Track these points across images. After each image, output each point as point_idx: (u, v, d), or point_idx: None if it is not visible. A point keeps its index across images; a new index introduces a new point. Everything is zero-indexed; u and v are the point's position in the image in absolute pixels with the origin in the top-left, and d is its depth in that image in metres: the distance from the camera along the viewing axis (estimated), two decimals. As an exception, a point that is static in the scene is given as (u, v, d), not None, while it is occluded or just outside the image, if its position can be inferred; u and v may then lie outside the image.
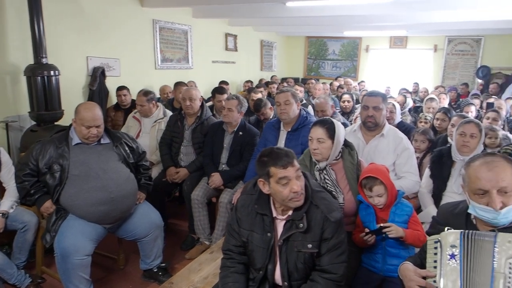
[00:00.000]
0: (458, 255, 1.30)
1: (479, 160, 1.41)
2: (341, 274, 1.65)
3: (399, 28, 8.41)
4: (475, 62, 9.29)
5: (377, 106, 2.65)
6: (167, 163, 3.48)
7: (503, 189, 1.32)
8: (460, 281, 1.28)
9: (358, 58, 10.69)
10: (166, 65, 6.16)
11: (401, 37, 9.91)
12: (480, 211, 1.38)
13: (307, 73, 11.28)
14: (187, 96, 3.41)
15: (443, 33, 9.18)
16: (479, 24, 7.09)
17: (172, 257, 3.15)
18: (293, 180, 1.58)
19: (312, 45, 11.18)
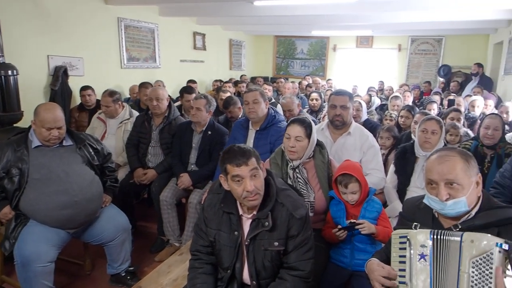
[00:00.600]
0: (428, 255, 1.32)
1: (436, 153, 1.47)
2: (308, 271, 1.67)
3: (365, 28, 8.62)
4: (437, 61, 9.65)
5: (344, 105, 2.70)
6: (135, 164, 3.41)
7: (449, 181, 1.38)
8: (430, 281, 1.31)
9: (326, 57, 10.86)
10: (132, 64, 6.03)
11: (367, 37, 10.15)
12: (431, 201, 1.44)
13: (276, 72, 11.35)
14: (154, 96, 3.35)
15: (406, 33, 9.49)
16: (440, 25, 7.38)
17: (141, 261, 3.09)
18: (247, 179, 1.57)
19: (281, 44, 11.26)
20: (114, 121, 3.68)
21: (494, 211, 1.41)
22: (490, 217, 1.38)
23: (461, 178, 1.38)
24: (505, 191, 2.34)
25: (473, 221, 1.40)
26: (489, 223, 1.37)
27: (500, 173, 2.42)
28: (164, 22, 6.72)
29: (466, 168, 1.39)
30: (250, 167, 1.58)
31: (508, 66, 6.51)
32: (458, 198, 1.37)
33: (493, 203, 1.47)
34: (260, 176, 1.62)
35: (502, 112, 4.44)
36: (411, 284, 1.34)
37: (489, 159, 2.89)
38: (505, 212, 1.39)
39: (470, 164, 1.41)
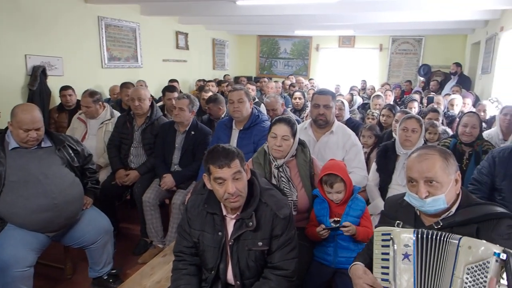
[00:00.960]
0: (412, 255, 1.34)
1: (417, 152, 1.50)
2: (292, 270, 1.67)
3: (346, 28, 8.71)
4: (417, 60, 9.84)
5: (327, 104, 2.72)
6: (116, 165, 3.36)
7: (429, 179, 1.41)
8: (414, 281, 1.32)
9: (309, 57, 10.93)
10: (113, 64, 5.93)
11: (349, 37, 10.26)
12: (411, 199, 1.47)
13: (260, 71, 11.36)
14: (136, 96, 3.31)
15: (387, 33, 9.63)
16: (420, 25, 7.52)
17: (124, 263, 3.04)
18: (229, 181, 1.56)
19: (264, 44, 11.28)
20: (95, 121, 3.62)
21: (473, 208, 1.44)
22: (470, 214, 1.41)
23: (440, 176, 1.40)
24: (483, 187, 2.40)
25: (453, 218, 1.42)
26: (468, 219, 1.40)
27: (478, 169, 2.48)
28: (145, 21, 6.64)
29: (445, 166, 1.42)
30: (232, 169, 1.57)
31: (485, 65, 6.68)
32: (437, 196, 1.40)
33: (472, 200, 1.50)
34: (242, 178, 1.61)
35: (480, 110, 4.56)
36: (395, 283, 1.35)
37: (468, 156, 2.96)
38: (484, 208, 1.42)
39: (449, 162, 1.44)
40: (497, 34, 5.87)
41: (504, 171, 2.30)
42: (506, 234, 1.34)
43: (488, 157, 2.44)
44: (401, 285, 1.34)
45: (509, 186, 2.25)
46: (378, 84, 9.32)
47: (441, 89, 7.74)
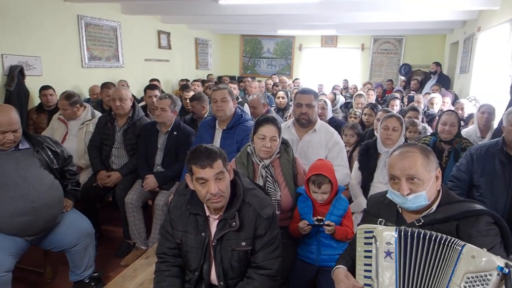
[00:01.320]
0: (394, 253, 1.35)
1: (398, 150, 1.52)
2: (276, 269, 1.68)
3: (329, 28, 8.78)
4: (398, 60, 9.99)
5: (310, 103, 2.74)
6: (98, 167, 3.30)
7: (410, 176, 1.43)
8: (396, 277, 1.34)
9: (292, 56, 10.97)
10: (94, 63, 5.83)
11: (332, 37, 10.34)
12: (393, 196, 1.49)
13: (243, 71, 11.35)
14: (117, 96, 3.26)
15: (369, 33, 9.76)
16: (401, 25, 7.64)
17: (106, 266, 3.00)
18: (211, 182, 1.56)
19: (247, 43, 11.27)
20: (75, 122, 3.55)
21: (453, 205, 1.47)
22: (450, 211, 1.44)
23: (421, 173, 1.43)
24: (461, 184, 2.45)
25: (434, 215, 1.45)
26: (448, 216, 1.42)
27: (457, 167, 2.53)
28: (127, 20, 6.54)
29: (426, 164, 1.45)
30: (215, 170, 1.56)
31: (463, 65, 6.83)
32: (419, 193, 1.43)
33: (452, 197, 1.53)
34: (225, 179, 1.60)
35: (458, 108, 4.66)
36: (377, 281, 1.37)
37: (447, 154, 3.02)
38: (463, 206, 1.45)
39: (429, 159, 1.47)
40: (475, 34, 6.01)
41: (481, 168, 2.35)
42: (484, 230, 1.37)
43: (466, 154, 2.50)
44: (383, 282, 1.35)
45: (486, 182, 2.31)
46: (360, 83, 9.43)
47: (421, 88, 7.88)
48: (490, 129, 3.61)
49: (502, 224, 1.42)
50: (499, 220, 1.42)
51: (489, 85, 5.14)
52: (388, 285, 1.34)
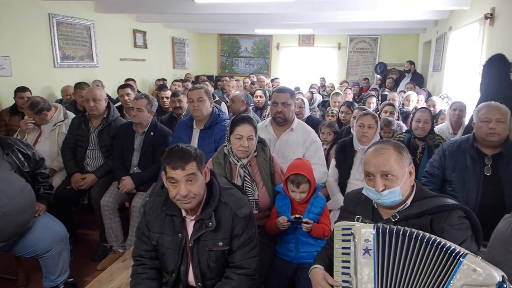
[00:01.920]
0: (372, 250, 1.37)
1: (373, 147, 1.55)
2: (254, 268, 1.68)
3: (306, 27, 8.84)
4: (374, 59, 10.16)
5: (286, 102, 2.75)
6: (72, 169, 3.22)
7: (384, 173, 1.46)
8: (374, 274, 1.35)
9: (270, 55, 11.00)
10: (67, 63, 5.67)
11: (309, 36, 10.42)
12: (369, 192, 1.52)
13: (221, 70, 11.30)
14: (91, 96, 3.19)
15: (345, 32, 9.88)
16: (376, 24, 7.77)
17: (82, 271, 2.93)
18: (181, 183, 1.54)
19: (225, 42, 11.23)
20: (47, 124, 3.45)
21: (427, 200, 1.50)
22: (424, 206, 1.47)
23: (395, 169, 1.46)
24: (435, 179, 2.51)
25: (409, 211, 1.49)
26: (423, 211, 1.46)
27: (430, 163, 2.60)
28: (101, 18, 6.40)
29: (400, 160, 1.48)
30: (186, 171, 1.55)
31: (436, 63, 7.01)
32: (393, 188, 1.46)
33: (426, 192, 1.57)
34: (197, 181, 1.58)
35: (430, 105, 4.78)
36: (356, 278, 1.38)
37: (421, 150, 3.09)
38: (437, 201, 1.49)
39: (403, 155, 1.50)
40: (446, 33, 6.17)
41: (453, 164, 2.42)
42: (456, 224, 1.42)
43: (439, 150, 2.56)
44: (362, 279, 1.37)
45: (458, 177, 2.37)
46: (337, 82, 9.54)
47: (396, 86, 8.04)
48: (461, 125, 3.72)
49: (473, 218, 1.47)
50: (470, 214, 1.47)
51: (460, 83, 5.29)
52: (367, 281, 1.36)
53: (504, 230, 1.48)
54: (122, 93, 4.17)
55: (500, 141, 2.28)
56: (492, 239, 1.54)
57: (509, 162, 2.26)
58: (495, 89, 3.26)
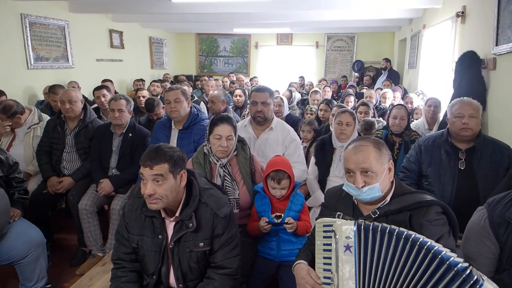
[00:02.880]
0: (353, 247, 1.38)
1: (353, 144, 1.57)
2: (235, 268, 1.68)
3: (284, 26, 8.88)
4: (351, 57, 10.30)
5: (265, 101, 2.76)
6: (48, 173, 3.14)
7: (364, 170, 1.49)
8: (355, 270, 1.37)
9: (248, 54, 11.00)
10: (41, 64, 5.52)
11: (287, 35, 10.47)
12: (349, 188, 1.54)
13: (200, 70, 11.23)
14: (66, 98, 3.12)
15: (323, 30, 9.97)
16: (352, 23, 7.87)
17: (60, 276, 2.86)
18: (148, 182, 1.54)
19: (203, 42, 11.16)
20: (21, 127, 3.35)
21: (406, 196, 1.53)
22: (403, 202, 1.50)
23: (374, 166, 1.49)
24: (411, 174, 2.57)
25: (388, 207, 1.51)
26: (402, 207, 1.49)
27: (406, 158, 2.65)
28: (75, 18, 6.25)
29: (379, 156, 1.51)
30: (153, 171, 1.54)
31: (411, 60, 7.16)
32: (373, 185, 1.48)
33: (405, 188, 1.60)
34: (166, 184, 1.56)
35: (407, 102, 4.89)
36: (337, 275, 1.40)
37: (398, 146, 3.16)
38: (415, 197, 1.52)
39: (382, 152, 1.52)
40: (420, 31, 6.31)
41: (429, 158, 2.47)
42: (434, 220, 1.45)
43: (415, 146, 2.62)
44: (343, 275, 1.38)
45: (433, 172, 2.43)
46: (316, 80, 9.63)
47: (374, 83, 8.18)
48: (436, 121, 3.82)
49: (450, 213, 1.50)
50: (447, 210, 1.50)
51: (435, 80, 5.43)
52: (348, 278, 1.37)
53: (478, 222, 1.53)
54: (98, 95, 4.09)
55: (473, 136, 2.34)
56: (466, 231, 1.59)
57: (482, 156, 2.33)
58: (468, 85, 3.36)
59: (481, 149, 2.33)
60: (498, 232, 1.46)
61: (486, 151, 2.33)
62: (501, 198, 1.51)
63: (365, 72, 9.36)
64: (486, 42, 3.34)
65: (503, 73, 3.09)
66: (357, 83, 8.80)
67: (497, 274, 1.50)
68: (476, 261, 1.52)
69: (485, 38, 3.39)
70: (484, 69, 3.37)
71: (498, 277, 1.49)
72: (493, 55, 3.20)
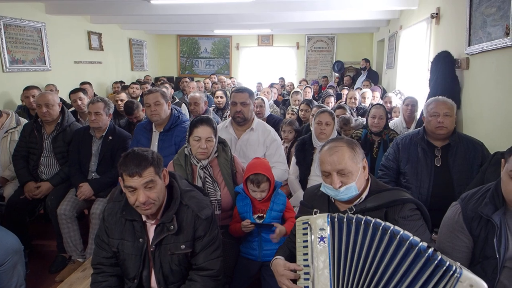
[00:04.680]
0: (327, 237, 1.41)
1: (327, 145, 1.61)
2: (217, 269, 1.68)
3: (264, 27, 8.93)
4: (331, 57, 10.42)
5: (245, 101, 2.77)
6: (25, 178, 3.07)
7: (341, 171, 1.52)
8: (329, 260, 1.40)
9: (230, 56, 11.00)
10: (16, 67, 5.39)
11: (267, 36, 10.52)
12: (327, 189, 1.58)
13: (181, 71, 11.16)
14: (43, 102, 3.05)
15: (303, 32, 10.06)
16: (332, 24, 7.97)
17: (39, 283, 2.80)
18: (140, 190, 1.52)
19: (184, 43, 11.10)
20: (-3, 131, 3.28)
21: (382, 194, 1.58)
22: (379, 200, 1.55)
23: (349, 166, 1.53)
24: (390, 172, 2.62)
25: (364, 204, 1.56)
26: (378, 205, 1.54)
27: (385, 156, 2.71)
28: (52, 20, 6.13)
29: (353, 156, 1.55)
30: (144, 179, 1.52)
31: (389, 61, 7.29)
32: (349, 184, 1.52)
33: (381, 186, 1.65)
34: (156, 187, 1.56)
35: (386, 102, 4.98)
36: (313, 266, 1.42)
37: (377, 145, 3.21)
38: (391, 194, 1.57)
39: (356, 151, 1.57)
40: (397, 32, 6.43)
41: (407, 156, 2.53)
42: (408, 216, 1.51)
43: (393, 144, 2.67)
44: (318, 266, 1.41)
45: (411, 169, 2.48)
46: (297, 80, 9.70)
47: (354, 83, 8.30)
48: (414, 119, 3.91)
49: (423, 209, 1.58)
50: (421, 206, 1.57)
51: (412, 79, 5.54)
52: (323, 268, 1.41)
53: (452, 217, 1.58)
54: (75, 98, 3.99)
55: (448, 134, 2.41)
56: (441, 226, 1.64)
57: (457, 153, 2.40)
58: (443, 84, 3.45)
59: (456, 146, 2.40)
60: (471, 226, 1.51)
61: (460, 148, 2.40)
62: (473, 193, 1.57)
63: (345, 73, 9.48)
64: (460, 43, 3.43)
65: (476, 72, 3.19)
66: (338, 83, 8.91)
67: (471, 267, 1.56)
68: (451, 255, 1.56)
69: (459, 39, 3.49)
70: (458, 68, 3.47)
71: (472, 270, 1.54)
72: (466, 55, 3.30)
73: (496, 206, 1.47)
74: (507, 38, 2.56)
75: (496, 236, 1.44)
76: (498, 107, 2.77)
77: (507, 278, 1.46)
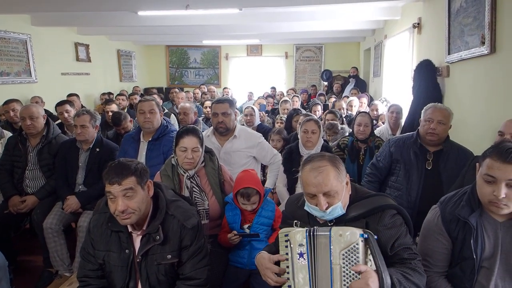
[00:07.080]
0: (306, 253, 1.41)
1: (309, 164, 1.52)
2: (204, 278, 1.68)
3: (253, 37, 9.01)
4: (319, 66, 10.54)
5: (226, 111, 2.81)
6: (9, 192, 3.03)
7: (327, 193, 1.46)
8: (308, 276, 1.40)
9: (219, 66, 11.05)
10: (1, 79, 5.34)
11: (256, 46, 10.61)
12: (312, 210, 1.52)
13: (171, 82, 11.17)
14: (27, 114, 3.03)
15: (291, 41, 10.18)
16: (320, 34, 8.09)
17: (25, 300, 2.75)
18: (119, 198, 1.53)
19: (173, 54, 11.13)
20: (-19, 144, 3.24)
21: (362, 202, 1.55)
22: (359, 209, 1.52)
23: (335, 186, 1.47)
24: (378, 172, 2.64)
25: (344, 216, 1.52)
26: (358, 215, 1.51)
27: (376, 156, 2.71)
28: (38, 32, 6.10)
29: (338, 175, 1.49)
30: (123, 187, 1.53)
31: (375, 69, 7.41)
32: (335, 205, 1.47)
33: (361, 193, 1.61)
34: (136, 196, 1.56)
35: (373, 109, 5.04)
36: (294, 282, 1.43)
37: (363, 152, 3.25)
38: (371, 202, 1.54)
39: (340, 169, 1.51)
40: (382, 41, 6.56)
41: (399, 157, 2.53)
42: (389, 223, 1.48)
43: (385, 144, 2.68)
44: (298, 282, 1.41)
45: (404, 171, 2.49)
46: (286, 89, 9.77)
47: (342, 91, 8.39)
48: (399, 126, 3.97)
49: (404, 214, 1.54)
50: (401, 211, 1.54)
51: (397, 87, 5.64)
52: (303, 284, 1.41)
53: (432, 220, 1.60)
54: (61, 111, 3.95)
55: (439, 141, 2.42)
56: (422, 229, 1.67)
57: (449, 158, 2.42)
58: (425, 92, 3.53)
59: (448, 151, 2.42)
60: (449, 228, 1.54)
61: (452, 154, 2.42)
62: (451, 196, 1.60)
63: (333, 81, 9.59)
64: (440, 51, 3.52)
65: (456, 80, 3.26)
66: (326, 91, 9.00)
67: (450, 268, 1.58)
68: (432, 257, 1.59)
69: (439, 48, 3.57)
70: (439, 76, 3.55)
71: (451, 271, 1.57)
72: (447, 63, 3.38)
73: (472, 209, 1.50)
74: (483, 46, 2.63)
75: (473, 238, 1.47)
76: (478, 113, 2.84)
77: (484, 278, 1.49)
